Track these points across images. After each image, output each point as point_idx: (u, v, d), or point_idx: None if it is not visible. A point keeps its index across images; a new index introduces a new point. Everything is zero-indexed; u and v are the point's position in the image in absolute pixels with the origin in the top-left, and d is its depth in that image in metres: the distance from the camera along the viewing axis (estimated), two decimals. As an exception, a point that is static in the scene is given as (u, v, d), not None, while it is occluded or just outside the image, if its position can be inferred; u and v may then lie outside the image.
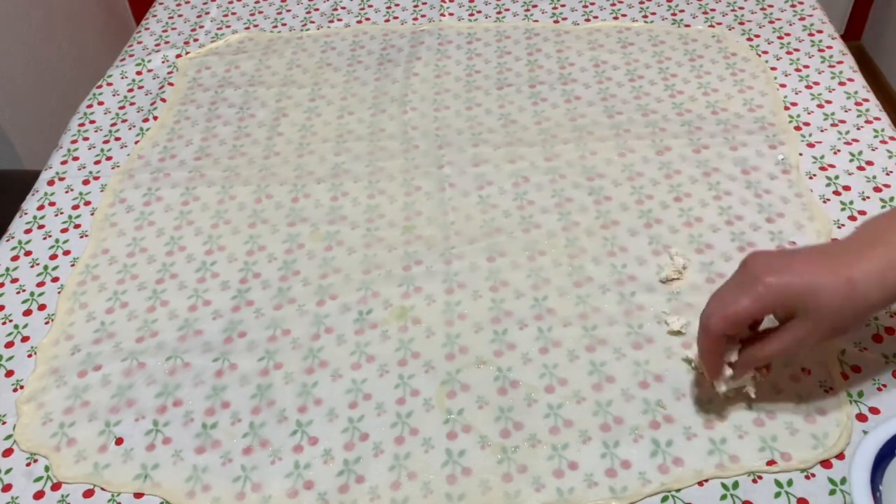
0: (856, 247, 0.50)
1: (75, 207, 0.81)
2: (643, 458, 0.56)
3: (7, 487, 0.57)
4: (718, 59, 0.93)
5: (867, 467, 0.45)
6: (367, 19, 1.07)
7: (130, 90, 0.98)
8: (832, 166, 0.78)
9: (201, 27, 1.09)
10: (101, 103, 0.96)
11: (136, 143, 0.89)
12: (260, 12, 1.11)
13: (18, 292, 0.72)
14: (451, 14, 1.06)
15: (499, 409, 0.59)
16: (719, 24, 1.00)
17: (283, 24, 1.08)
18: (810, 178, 0.77)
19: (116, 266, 0.74)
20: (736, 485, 0.54)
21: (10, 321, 0.69)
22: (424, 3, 1.09)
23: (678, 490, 0.54)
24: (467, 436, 0.58)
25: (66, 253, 0.76)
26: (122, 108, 0.95)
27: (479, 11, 1.06)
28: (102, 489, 0.57)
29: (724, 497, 0.53)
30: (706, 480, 0.54)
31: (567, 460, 0.56)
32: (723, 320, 0.51)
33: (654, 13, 1.03)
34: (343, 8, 1.10)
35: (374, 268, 0.71)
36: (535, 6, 1.06)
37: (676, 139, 0.82)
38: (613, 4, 1.05)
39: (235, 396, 0.62)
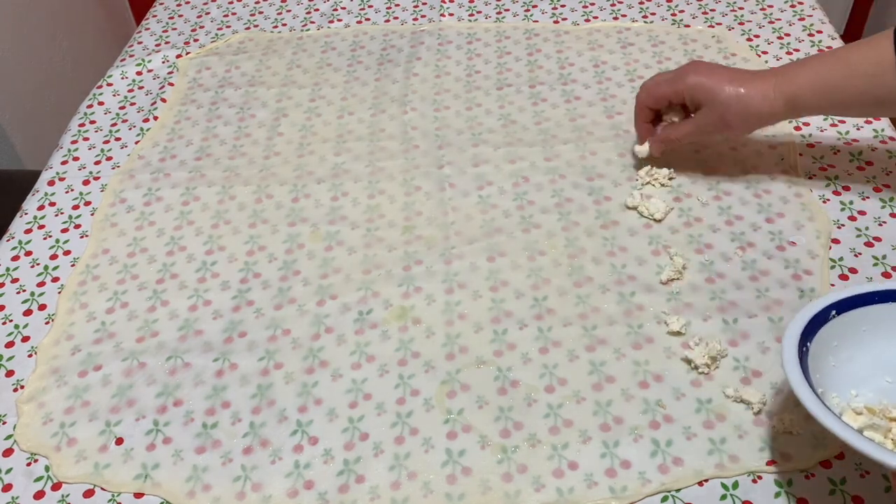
0: (761, 73, 0.68)
1: (75, 207, 0.81)
2: (643, 458, 0.56)
3: (7, 487, 0.57)
4: (718, 60, 0.93)
5: (798, 331, 0.50)
6: (367, 19, 1.07)
7: (130, 90, 0.98)
8: (832, 166, 0.78)
9: (201, 27, 1.09)
10: (101, 103, 0.96)
11: (137, 143, 0.89)
12: (260, 12, 1.11)
13: (19, 292, 0.72)
14: (451, 14, 1.06)
15: (499, 408, 0.59)
16: (719, 24, 1.00)
17: (283, 25, 1.08)
18: (810, 178, 0.77)
19: (117, 266, 0.74)
20: (736, 485, 0.54)
21: (11, 321, 0.70)
22: (424, 3, 1.09)
23: (678, 490, 0.54)
24: (467, 436, 0.58)
25: (67, 253, 0.76)
26: (122, 108, 0.95)
27: (479, 11, 1.06)
28: (102, 489, 0.57)
29: (724, 497, 0.53)
30: (706, 480, 0.54)
31: (567, 460, 0.56)
32: (647, 92, 0.74)
33: (653, 13, 1.03)
34: (343, 8, 1.10)
35: (374, 268, 0.71)
36: (535, 6, 1.06)
37: (676, 139, 0.82)
38: (613, 4, 1.05)
39: (235, 396, 0.62)
